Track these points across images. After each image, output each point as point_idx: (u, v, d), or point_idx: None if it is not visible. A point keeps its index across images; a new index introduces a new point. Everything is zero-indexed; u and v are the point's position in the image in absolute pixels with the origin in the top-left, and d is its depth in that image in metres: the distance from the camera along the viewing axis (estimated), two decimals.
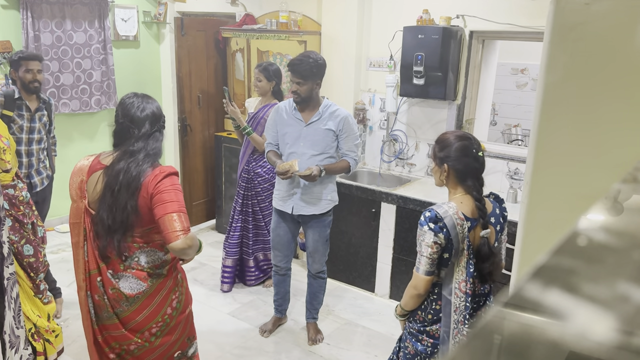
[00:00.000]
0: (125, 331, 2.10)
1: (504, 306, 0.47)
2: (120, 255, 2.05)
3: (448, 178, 2.04)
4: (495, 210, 2.08)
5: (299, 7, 4.51)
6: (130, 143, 2.04)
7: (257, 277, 4.07)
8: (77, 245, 2.10)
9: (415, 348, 2.09)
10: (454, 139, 2.02)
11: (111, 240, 2.02)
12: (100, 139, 5.26)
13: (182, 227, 1.91)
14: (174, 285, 2.16)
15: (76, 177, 2.09)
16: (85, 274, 2.09)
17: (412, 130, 4.12)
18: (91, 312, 2.12)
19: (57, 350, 3.01)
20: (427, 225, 1.93)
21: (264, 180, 3.79)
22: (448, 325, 1.99)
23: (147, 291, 2.07)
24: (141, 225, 2.02)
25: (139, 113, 2.07)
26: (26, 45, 4.40)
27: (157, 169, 2.01)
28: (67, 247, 4.59)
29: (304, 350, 3.31)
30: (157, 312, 2.11)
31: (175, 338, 2.21)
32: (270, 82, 3.72)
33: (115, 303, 2.08)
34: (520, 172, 3.59)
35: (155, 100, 2.17)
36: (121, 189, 1.98)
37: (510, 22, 3.46)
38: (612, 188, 0.74)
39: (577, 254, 0.57)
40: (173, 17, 5.20)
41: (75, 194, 2.09)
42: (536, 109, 1.29)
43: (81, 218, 2.08)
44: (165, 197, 1.94)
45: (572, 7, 1.18)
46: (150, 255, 2.07)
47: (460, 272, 1.96)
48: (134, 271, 2.06)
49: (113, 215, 1.98)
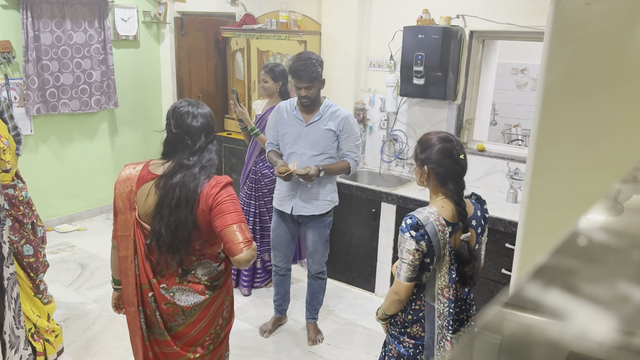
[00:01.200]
0: (177, 348, 2.04)
1: (504, 306, 0.47)
2: (181, 271, 1.98)
3: (428, 180, 2.01)
4: (477, 212, 2.05)
5: (299, 7, 4.51)
6: (185, 156, 1.97)
7: (263, 280, 4.07)
8: (125, 259, 1.99)
9: (397, 351, 2.09)
10: (436, 141, 1.99)
11: (172, 256, 1.94)
12: (100, 139, 5.27)
13: (244, 239, 1.88)
14: (226, 296, 2.13)
15: (123, 187, 1.98)
16: (137, 289, 1.99)
17: (412, 130, 4.12)
18: (142, 328, 2.03)
19: (57, 351, 3.02)
20: (408, 232, 1.90)
21: (270, 181, 3.77)
22: (432, 331, 1.98)
23: (203, 303, 2.01)
24: (200, 238, 1.96)
25: (195, 123, 1.99)
26: (26, 45, 4.40)
27: (214, 180, 1.96)
28: (66, 247, 4.59)
29: (304, 350, 3.31)
30: (211, 324, 2.07)
31: (223, 349, 2.18)
32: (276, 82, 3.68)
33: (169, 317, 2.01)
34: (520, 172, 3.59)
35: (207, 107, 2.09)
36: (180, 205, 1.90)
37: (510, 22, 3.47)
38: (612, 188, 0.74)
39: (577, 254, 0.57)
40: (173, 17, 5.20)
41: (123, 205, 1.98)
42: (536, 109, 1.29)
43: (131, 231, 1.97)
44: (224, 208, 1.90)
45: (572, 7, 1.18)
46: (206, 267, 2.02)
47: (443, 278, 1.95)
48: (191, 284, 2.00)
49: (173, 232, 1.91)
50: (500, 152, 3.82)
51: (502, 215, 3.25)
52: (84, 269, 4.24)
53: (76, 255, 4.47)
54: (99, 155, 5.27)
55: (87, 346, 3.23)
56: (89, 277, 4.10)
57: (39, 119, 4.71)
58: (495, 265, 3.29)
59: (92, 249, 4.59)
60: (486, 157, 3.80)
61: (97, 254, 4.49)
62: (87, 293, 3.86)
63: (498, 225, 3.23)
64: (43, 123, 4.76)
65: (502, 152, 3.82)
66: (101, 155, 5.29)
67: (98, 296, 3.82)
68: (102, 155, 5.30)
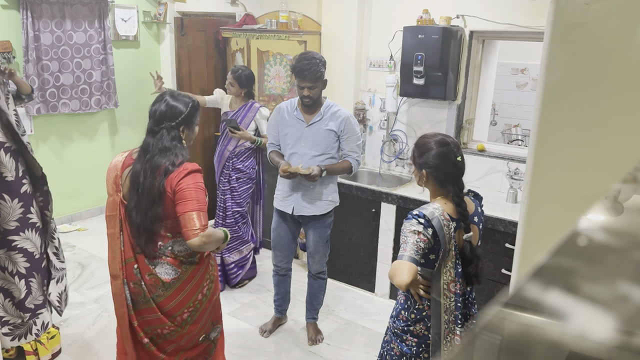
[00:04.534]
0: (160, 314, 2.22)
1: (504, 306, 0.47)
2: (150, 250, 2.17)
3: (427, 183, 2.05)
4: (478, 209, 2.09)
5: (299, 7, 4.51)
6: (147, 141, 2.17)
7: (237, 275, 4.06)
8: (113, 236, 2.20)
9: (400, 349, 2.09)
10: (433, 145, 2.01)
11: (139, 237, 2.15)
12: (100, 139, 5.26)
13: (199, 225, 2.03)
14: (206, 273, 2.29)
15: (111, 173, 2.22)
16: (122, 263, 2.20)
17: (412, 130, 4.12)
18: (127, 299, 2.22)
19: (52, 352, 3.00)
20: (414, 219, 1.90)
21: (244, 175, 3.85)
22: (438, 327, 1.98)
23: (181, 277, 2.20)
24: (167, 218, 2.13)
25: (157, 108, 2.18)
26: (26, 45, 4.40)
27: (182, 166, 2.10)
28: (67, 247, 4.59)
29: (304, 350, 3.31)
30: (189, 297, 2.23)
31: (201, 325, 2.33)
32: (242, 89, 3.81)
33: (152, 288, 2.20)
34: (520, 172, 3.59)
35: (187, 100, 2.22)
36: (143, 189, 2.10)
37: (510, 22, 3.47)
38: (612, 188, 0.74)
39: (577, 254, 0.57)
40: (173, 17, 5.20)
41: (111, 188, 2.21)
42: (536, 109, 1.29)
43: (117, 210, 2.18)
44: (186, 195, 2.05)
45: (572, 7, 1.18)
46: (181, 244, 2.19)
47: (448, 272, 1.96)
48: (168, 258, 2.19)
49: (141, 214, 2.11)
50: (500, 152, 3.82)
51: (502, 215, 3.25)
52: (84, 269, 4.24)
53: (76, 255, 4.47)
54: (99, 155, 5.27)
55: (87, 346, 3.23)
56: (89, 277, 4.10)
57: (39, 119, 4.71)
58: (495, 265, 3.29)
59: (92, 249, 4.59)
60: (486, 157, 3.80)
61: (97, 254, 4.49)
62: (87, 293, 3.86)
63: (498, 225, 3.23)
64: (43, 123, 4.76)
65: (502, 152, 3.82)
66: (101, 155, 5.28)
67: (98, 296, 3.82)
68: (102, 155, 5.30)
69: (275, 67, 4.62)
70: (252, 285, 4.10)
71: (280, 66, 4.58)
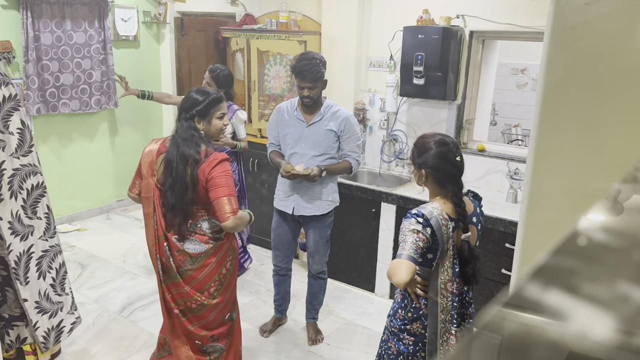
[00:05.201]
0: (188, 289, 2.44)
1: (504, 306, 0.47)
2: (183, 228, 2.40)
3: (427, 182, 2.06)
4: (477, 209, 2.09)
5: (299, 7, 4.51)
6: (174, 130, 2.41)
7: None
8: (148, 216, 2.44)
9: (397, 348, 2.10)
10: (432, 145, 2.02)
11: (175, 216, 2.38)
12: (100, 139, 5.26)
13: (231, 209, 2.28)
14: (229, 249, 2.52)
15: (147, 158, 2.44)
16: (155, 240, 2.43)
17: (412, 130, 4.12)
18: (159, 273, 2.46)
19: (51, 353, 2.99)
20: (413, 218, 1.92)
21: None
22: (435, 326, 1.99)
23: (207, 251, 2.43)
24: (200, 202, 2.37)
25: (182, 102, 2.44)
26: (26, 45, 4.40)
27: (212, 156, 2.33)
28: (67, 247, 4.59)
29: (304, 350, 3.31)
30: (215, 271, 2.46)
31: (227, 298, 2.55)
32: (220, 89, 3.65)
33: (180, 263, 2.42)
34: (520, 172, 3.59)
35: (207, 94, 2.42)
36: (175, 174, 2.33)
37: (510, 22, 3.47)
38: (612, 188, 0.74)
39: (577, 254, 0.57)
40: (173, 17, 5.20)
41: (147, 172, 2.43)
42: (536, 109, 1.29)
43: (151, 192, 2.41)
44: (218, 182, 2.29)
45: (572, 7, 1.18)
46: (211, 222, 2.43)
47: (446, 272, 1.97)
48: (198, 235, 2.42)
49: (176, 195, 2.34)
50: (500, 152, 3.82)
51: (502, 215, 3.25)
52: (84, 269, 4.24)
53: (76, 256, 4.47)
54: (99, 155, 5.27)
55: (87, 346, 3.23)
56: (89, 277, 4.10)
57: (39, 119, 4.71)
58: (495, 265, 3.29)
59: (92, 249, 4.59)
60: (486, 157, 3.80)
61: (97, 254, 4.49)
62: (87, 293, 3.86)
63: (498, 225, 3.23)
64: (43, 123, 4.76)
65: (502, 152, 3.82)
66: (101, 155, 5.29)
67: (98, 296, 3.82)
68: (102, 155, 5.30)
69: (275, 67, 4.61)
70: (252, 285, 4.10)
71: (280, 66, 4.57)
